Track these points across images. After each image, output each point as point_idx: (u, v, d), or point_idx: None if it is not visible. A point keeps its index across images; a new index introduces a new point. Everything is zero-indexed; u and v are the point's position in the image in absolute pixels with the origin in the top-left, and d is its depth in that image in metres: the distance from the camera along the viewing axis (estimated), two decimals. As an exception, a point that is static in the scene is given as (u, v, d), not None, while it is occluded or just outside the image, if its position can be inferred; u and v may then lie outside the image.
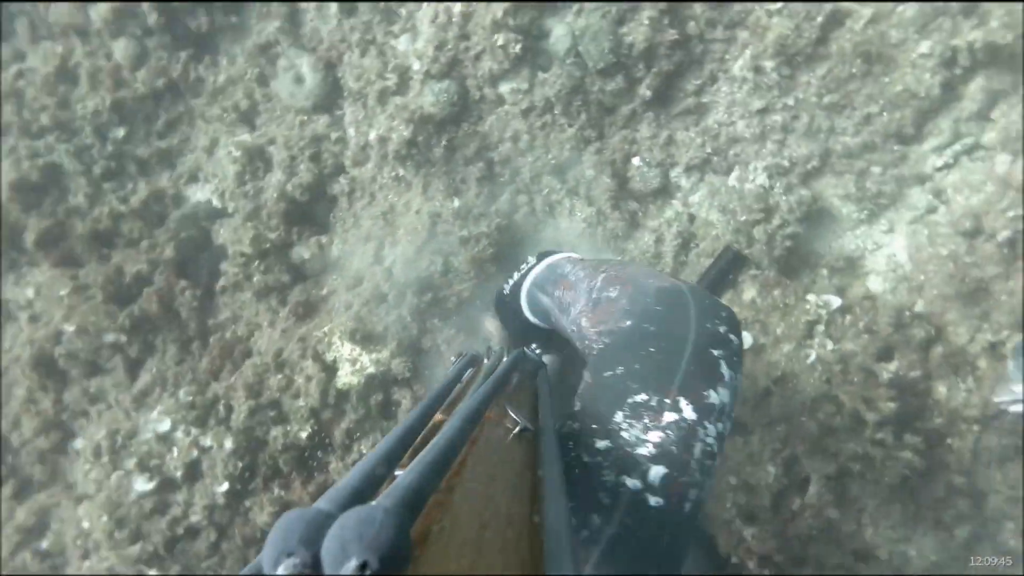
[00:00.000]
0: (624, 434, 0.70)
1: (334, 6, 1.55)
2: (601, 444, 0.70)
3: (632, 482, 0.66)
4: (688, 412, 0.71)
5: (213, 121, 1.69)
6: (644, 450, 0.68)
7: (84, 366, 1.45)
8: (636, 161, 1.38)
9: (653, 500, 0.66)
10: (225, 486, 1.28)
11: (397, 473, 0.36)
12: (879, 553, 1.05)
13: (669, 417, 0.71)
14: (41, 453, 1.54)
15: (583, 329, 0.89)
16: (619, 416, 0.72)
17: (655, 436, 0.69)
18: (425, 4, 1.46)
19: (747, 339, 1.18)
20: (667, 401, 0.71)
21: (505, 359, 0.74)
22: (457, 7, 1.39)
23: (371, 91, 1.48)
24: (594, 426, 0.72)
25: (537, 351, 0.87)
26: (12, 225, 1.63)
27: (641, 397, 0.72)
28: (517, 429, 0.51)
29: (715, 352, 0.75)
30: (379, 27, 1.52)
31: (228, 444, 1.23)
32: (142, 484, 1.33)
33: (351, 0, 1.53)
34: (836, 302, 1.15)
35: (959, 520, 1.10)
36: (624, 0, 1.29)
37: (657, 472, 0.67)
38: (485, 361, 0.80)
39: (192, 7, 1.67)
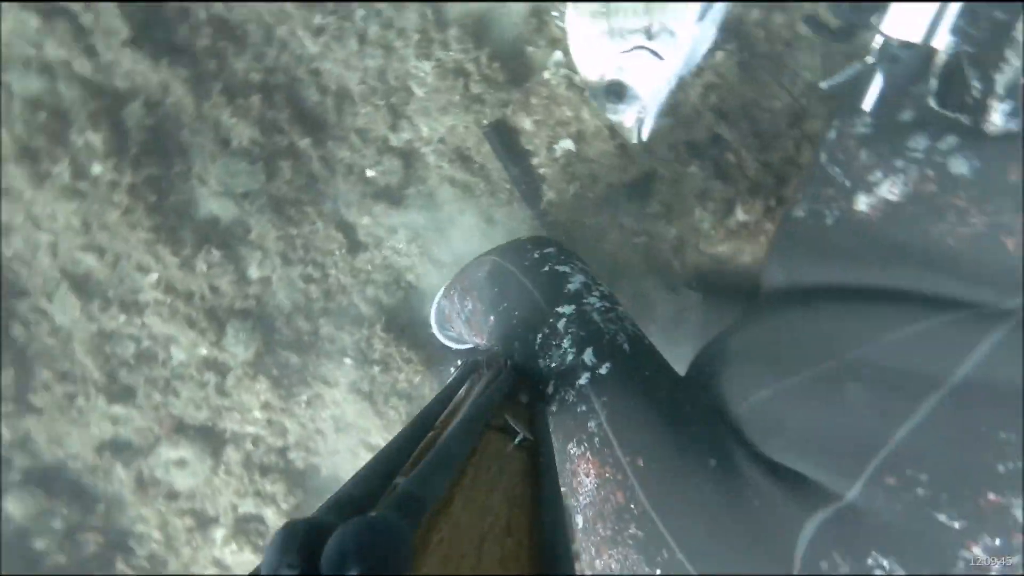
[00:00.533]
0: (553, 364, 0.77)
1: (117, 408, 1.51)
2: (550, 388, 0.76)
3: (584, 376, 0.73)
4: (568, 309, 0.80)
5: (196, 556, 1.66)
6: (570, 357, 0.75)
7: None
8: (370, 172, 1.37)
9: (603, 370, 0.72)
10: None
11: (397, 481, 0.36)
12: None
13: (559, 325, 0.79)
14: None
15: (480, 347, 0.98)
16: (542, 363, 0.79)
17: (566, 342, 0.77)
18: (144, 320, 1.42)
19: (569, 145, 1.19)
20: (551, 320, 0.80)
21: (506, 369, 0.75)
22: (155, 295, 1.36)
23: (214, 400, 1.46)
24: (540, 386, 0.77)
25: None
26: None
27: (539, 337, 0.80)
28: (517, 439, 0.51)
29: (544, 268, 0.85)
30: (155, 370, 1.49)
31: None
32: None
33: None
34: (558, 55, 1.15)
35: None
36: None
37: (588, 354, 0.74)
38: (484, 370, 0.81)
39: (72, 546, 1.62)
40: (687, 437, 0.65)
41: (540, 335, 0.78)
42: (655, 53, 0.83)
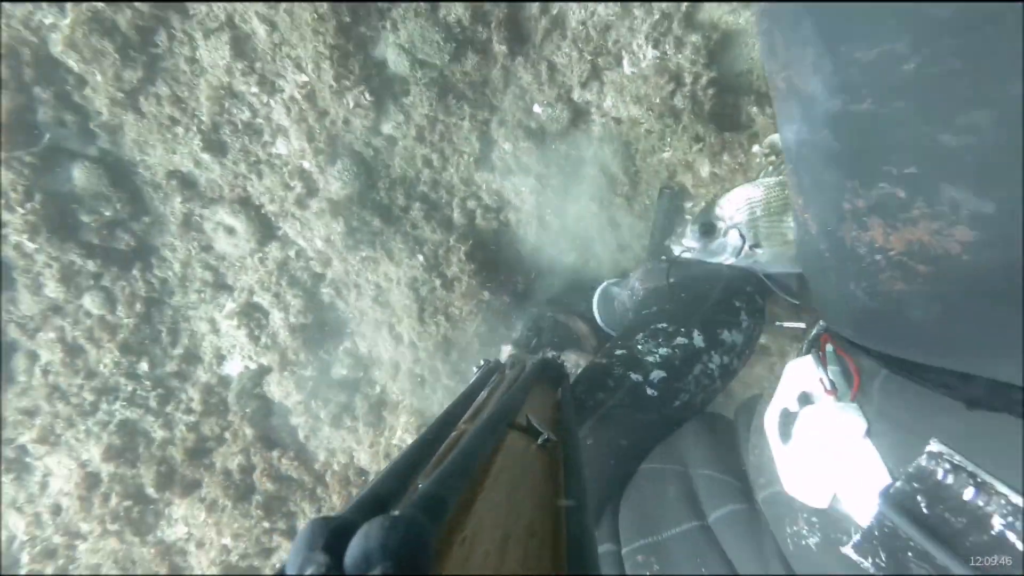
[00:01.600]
0: (639, 347, 0.85)
1: (206, 156, 1.57)
2: (619, 352, 0.85)
3: (635, 376, 0.82)
4: (698, 341, 0.86)
5: (199, 306, 1.79)
6: (651, 358, 0.83)
7: (260, 556, 1.67)
8: (537, 108, 1.35)
9: (649, 391, 0.82)
10: None
11: (420, 482, 0.36)
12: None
13: (679, 340, 0.86)
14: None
15: (635, 290, 1.05)
16: (639, 336, 0.87)
17: (663, 351, 0.84)
18: (272, 103, 1.45)
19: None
20: (682, 330, 0.86)
21: (528, 367, 0.77)
22: (296, 92, 1.37)
23: (289, 205, 1.52)
24: (619, 342, 0.86)
25: (560, 359, 0.93)
26: (134, 485, 1.84)
27: (662, 325, 0.87)
28: (540, 440, 0.50)
29: (737, 303, 0.90)
30: (253, 146, 1.53)
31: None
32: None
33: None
34: (777, 138, 1.11)
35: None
36: (423, -16, 1.22)
37: (658, 374, 0.82)
38: (508, 370, 0.83)
39: (109, 234, 1.73)
40: (613, 468, 0.79)
41: (664, 325, 0.87)
42: (749, 249, 0.92)
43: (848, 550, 0.51)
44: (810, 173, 0.49)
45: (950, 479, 0.45)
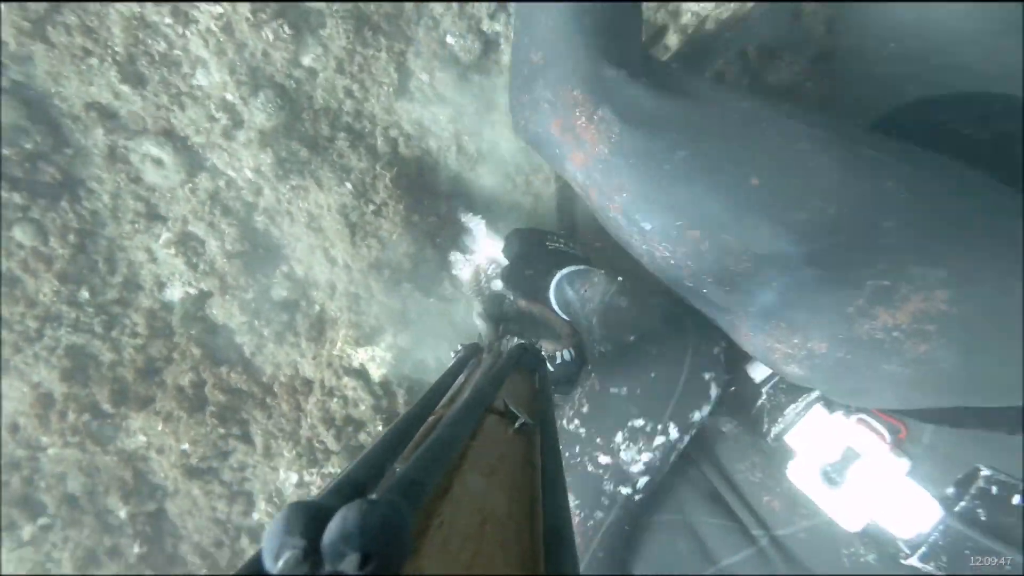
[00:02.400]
0: (623, 454, 0.88)
1: (124, 87, 1.58)
2: (604, 460, 0.88)
3: (626, 490, 0.88)
4: (673, 433, 0.89)
5: (133, 236, 1.84)
6: (636, 468, 0.88)
7: (218, 458, 1.85)
8: (449, 39, 1.43)
9: (638, 497, 0.90)
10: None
11: (397, 466, 0.36)
12: None
13: (658, 441, 0.88)
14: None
15: (593, 328, 1.02)
16: (619, 436, 0.88)
17: (646, 456, 0.88)
18: (188, 34, 1.47)
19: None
20: (659, 427, 0.88)
21: (506, 352, 0.77)
22: (212, 24, 1.40)
23: (216, 136, 1.57)
24: (598, 440, 0.88)
25: (538, 345, 1.01)
26: (88, 402, 1.96)
27: (639, 422, 0.88)
28: (517, 424, 0.51)
29: (706, 375, 0.90)
30: (173, 77, 1.55)
31: (341, 463, 1.61)
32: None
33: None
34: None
35: None
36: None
37: (643, 480, 0.89)
38: (485, 355, 0.87)
39: (32, 167, 1.74)
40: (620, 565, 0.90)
41: (642, 422, 0.88)
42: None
43: (913, 561, 0.66)
44: (805, 307, 0.61)
45: (1001, 491, 0.61)
